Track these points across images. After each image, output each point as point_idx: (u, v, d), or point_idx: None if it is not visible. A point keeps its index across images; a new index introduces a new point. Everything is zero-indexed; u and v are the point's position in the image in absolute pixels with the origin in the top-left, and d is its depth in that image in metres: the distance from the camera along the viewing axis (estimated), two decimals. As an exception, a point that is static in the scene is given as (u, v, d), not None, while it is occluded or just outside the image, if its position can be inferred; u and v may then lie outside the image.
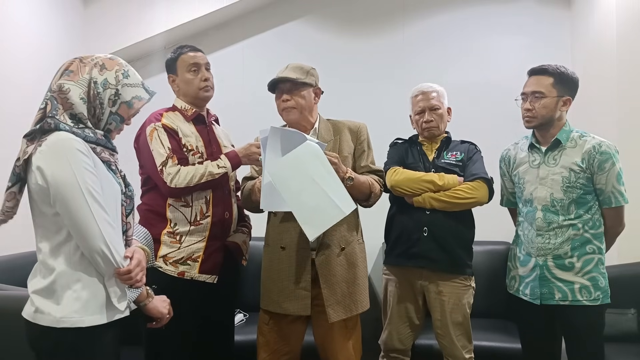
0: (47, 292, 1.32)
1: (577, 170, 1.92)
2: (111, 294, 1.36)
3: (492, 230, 2.77)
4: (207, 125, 2.09)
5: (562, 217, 1.94)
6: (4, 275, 2.24)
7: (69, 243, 1.33)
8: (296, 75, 1.99)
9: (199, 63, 2.04)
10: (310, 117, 2.06)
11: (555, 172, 1.96)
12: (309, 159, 1.79)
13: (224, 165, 1.94)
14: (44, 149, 1.30)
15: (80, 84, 1.37)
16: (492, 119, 3.27)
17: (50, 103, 1.35)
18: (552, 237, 1.95)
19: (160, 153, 1.91)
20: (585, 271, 1.92)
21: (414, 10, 3.44)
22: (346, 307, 1.96)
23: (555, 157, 1.97)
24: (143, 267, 1.45)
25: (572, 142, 1.97)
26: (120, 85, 1.41)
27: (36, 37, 2.91)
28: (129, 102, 1.42)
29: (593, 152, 1.91)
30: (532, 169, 2.02)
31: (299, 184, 1.79)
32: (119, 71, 1.42)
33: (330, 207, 1.79)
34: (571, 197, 1.92)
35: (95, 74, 1.38)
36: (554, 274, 1.94)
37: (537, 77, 1.99)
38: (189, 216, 1.95)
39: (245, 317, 2.90)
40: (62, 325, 1.30)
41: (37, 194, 1.33)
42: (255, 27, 3.52)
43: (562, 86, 1.96)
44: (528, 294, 2.00)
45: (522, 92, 2.03)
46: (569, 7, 3.34)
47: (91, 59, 1.41)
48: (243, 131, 2.32)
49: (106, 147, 1.41)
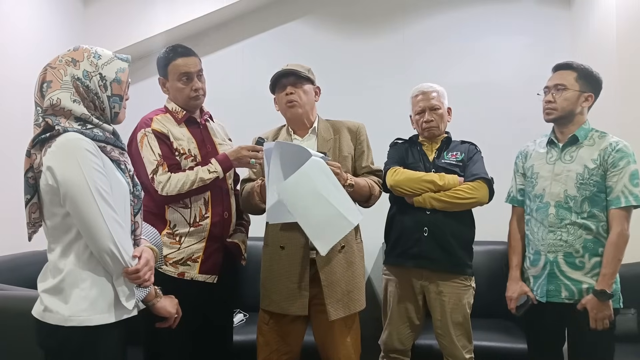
0: (55, 290, 1.33)
1: (592, 167, 1.89)
2: (119, 293, 1.37)
3: (492, 230, 2.76)
4: (201, 125, 2.07)
5: (575, 214, 1.91)
6: (4, 275, 2.24)
7: (79, 242, 1.34)
8: (299, 69, 2.02)
9: (190, 72, 1.98)
10: (310, 114, 2.07)
11: (570, 169, 1.94)
12: (315, 174, 1.79)
13: (215, 170, 1.92)
14: (54, 149, 1.30)
15: (66, 88, 1.35)
16: (492, 119, 3.27)
17: (50, 119, 1.33)
18: (564, 233, 1.92)
19: (150, 161, 1.90)
20: (596, 272, 1.88)
21: (414, 11, 3.44)
22: (345, 305, 1.97)
23: (571, 154, 1.96)
24: (151, 266, 1.45)
25: (590, 140, 1.95)
26: (99, 68, 1.39)
27: (36, 37, 2.91)
28: (115, 78, 1.41)
29: (609, 149, 1.89)
30: (548, 165, 2.00)
31: (307, 200, 1.80)
32: (89, 57, 1.40)
33: (339, 219, 1.81)
34: (584, 194, 1.90)
35: (72, 71, 1.37)
36: (564, 271, 1.92)
37: (561, 71, 1.99)
38: (188, 218, 1.94)
39: (245, 317, 2.90)
40: (70, 323, 1.30)
41: (47, 195, 1.33)
42: (255, 27, 3.52)
43: (585, 82, 1.96)
44: (539, 294, 1.98)
45: (545, 86, 2.02)
46: (569, 7, 3.34)
47: (59, 60, 1.39)
48: (243, 131, 2.31)
49: (116, 145, 1.42)
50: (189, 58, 2.00)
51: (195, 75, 2.00)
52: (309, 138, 2.08)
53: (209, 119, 2.14)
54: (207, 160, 1.97)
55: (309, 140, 2.07)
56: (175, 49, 2.01)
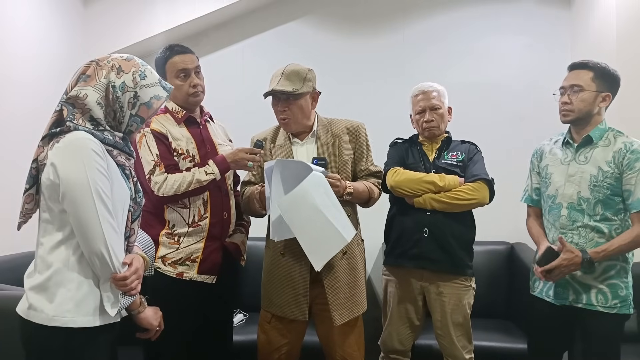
0: (41, 288, 1.32)
1: (606, 169, 1.85)
2: (104, 298, 1.35)
3: (492, 230, 2.77)
4: (200, 125, 2.06)
5: (588, 217, 1.87)
6: (4, 275, 2.24)
7: (71, 241, 1.33)
8: (292, 86, 1.94)
9: (188, 68, 1.98)
10: (307, 122, 2.04)
11: (584, 170, 1.89)
12: (314, 189, 1.80)
13: (212, 172, 1.92)
14: (61, 145, 1.31)
15: (98, 89, 1.36)
16: (493, 119, 3.28)
17: (66, 109, 1.34)
18: (575, 236, 1.89)
19: (147, 161, 1.90)
20: (606, 277, 1.85)
21: (414, 11, 3.44)
22: (349, 309, 1.97)
23: (586, 155, 1.91)
24: (140, 275, 1.43)
25: (605, 140, 1.90)
26: (138, 87, 1.40)
27: (36, 37, 2.90)
28: (147, 102, 1.42)
29: (623, 150, 1.84)
30: (563, 166, 1.96)
31: (306, 215, 1.80)
32: (135, 73, 1.41)
33: (334, 235, 1.82)
34: (597, 196, 1.85)
35: (113, 78, 1.38)
36: (573, 274, 1.88)
37: (576, 71, 1.94)
38: (186, 218, 1.94)
39: (245, 317, 2.90)
40: (54, 324, 1.29)
41: (47, 189, 1.33)
42: (255, 27, 3.52)
43: (602, 81, 1.90)
44: (551, 295, 1.94)
45: (560, 86, 1.97)
46: (569, 7, 3.34)
47: (107, 61, 1.40)
48: (243, 131, 2.31)
49: (123, 150, 1.41)
50: (185, 55, 1.99)
51: (193, 71, 1.99)
52: (308, 141, 2.06)
53: (209, 120, 2.13)
54: (206, 160, 1.96)
55: (308, 144, 2.06)
56: (172, 48, 2.01)
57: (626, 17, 2.71)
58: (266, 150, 2.05)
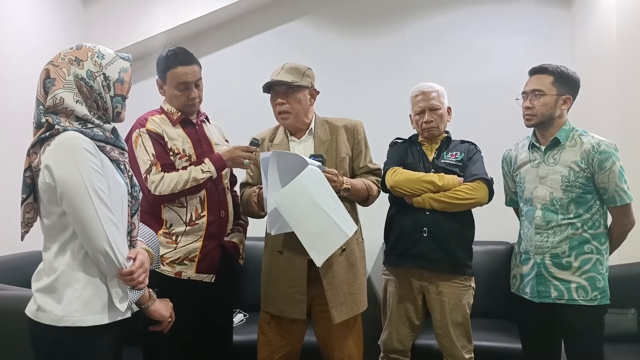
0: (49, 289, 1.32)
1: (577, 169, 1.92)
2: (113, 294, 1.36)
3: (492, 230, 2.77)
4: (196, 125, 2.06)
5: (562, 216, 1.94)
6: (4, 275, 2.25)
7: (74, 241, 1.34)
8: (291, 77, 1.97)
9: (189, 82, 1.95)
10: (305, 119, 2.05)
11: (555, 171, 1.96)
12: (311, 183, 1.80)
13: (208, 170, 1.92)
14: (52, 147, 1.30)
15: (69, 87, 1.35)
16: (492, 119, 3.27)
17: (50, 117, 1.33)
18: (550, 235, 1.95)
19: (144, 160, 1.90)
20: (583, 271, 1.92)
21: (414, 11, 3.44)
22: (348, 307, 1.97)
23: (554, 156, 1.97)
24: (146, 268, 1.44)
25: (572, 141, 1.97)
26: (103, 68, 1.39)
27: (36, 37, 2.91)
28: (118, 78, 1.41)
29: (592, 152, 1.90)
30: (533, 169, 2.02)
31: (304, 210, 1.80)
32: (93, 56, 1.39)
33: (334, 230, 1.82)
34: (570, 196, 1.93)
35: (76, 70, 1.36)
36: (552, 272, 1.95)
37: (537, 75, 2.00)
38: (184, 217, 1.94)
39: (245, 317, 2.90)
40: (63, 324, 1.30)
41: (45, 193, 1.33)
42: (255, 27, 3.52)
43: (561, 84, 1.97)
44: (528, 293, 2.01)
45: (522, 91, 2.04)
46: (569, 7, 3.34)
47: (61, 58, 1.38)
48: (242, 131, 2.31)
49: (115, 145, 1.41)
50: (188, 67, 1.96)
51: (193, 84, 1.98)
52: (306, 139, 2.07)
53: (205, 120, 2.13)
54: (202, 159, 1.96)
55: (306, 142, 2.06)
56: (177, 55, 1.96)
57: (626, 17, 2.71)
58: (264, 148, 2.06)
